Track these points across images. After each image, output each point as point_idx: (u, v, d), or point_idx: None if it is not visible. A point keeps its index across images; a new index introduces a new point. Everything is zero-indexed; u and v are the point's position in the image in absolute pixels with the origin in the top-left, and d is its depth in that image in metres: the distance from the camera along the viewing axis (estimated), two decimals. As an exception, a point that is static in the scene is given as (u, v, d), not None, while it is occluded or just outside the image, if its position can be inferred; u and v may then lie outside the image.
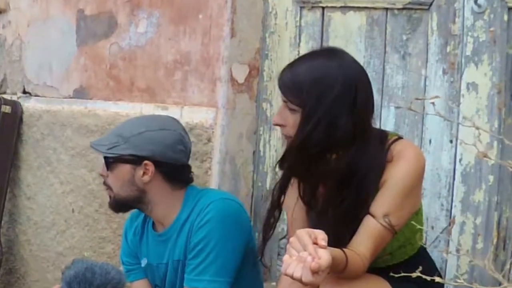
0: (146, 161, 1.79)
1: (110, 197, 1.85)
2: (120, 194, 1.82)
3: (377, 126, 1.65)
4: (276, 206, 1.63)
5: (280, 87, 1.55)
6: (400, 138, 1.60)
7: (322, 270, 1.28)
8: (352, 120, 1.50)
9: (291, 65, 1.58)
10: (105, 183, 1.85)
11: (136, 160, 1.79)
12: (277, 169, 1.64)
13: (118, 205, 1.85)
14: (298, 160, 1.53)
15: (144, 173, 1.79)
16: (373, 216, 1.52)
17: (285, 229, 2.12)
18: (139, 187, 1.80)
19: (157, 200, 1.81)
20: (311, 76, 1.50)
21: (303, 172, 1.56)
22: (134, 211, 1.93)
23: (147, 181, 1.80)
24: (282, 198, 1.63)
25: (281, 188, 1.63)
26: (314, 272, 1.27)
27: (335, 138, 1.50)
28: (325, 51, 1.65)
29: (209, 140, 2.18)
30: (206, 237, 1.74)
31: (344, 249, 1.45)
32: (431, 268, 1.68)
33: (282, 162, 1.59)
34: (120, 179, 1.80)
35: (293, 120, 1.53)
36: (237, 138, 2.23)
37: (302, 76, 1.51)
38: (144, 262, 1.91)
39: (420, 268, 1.25)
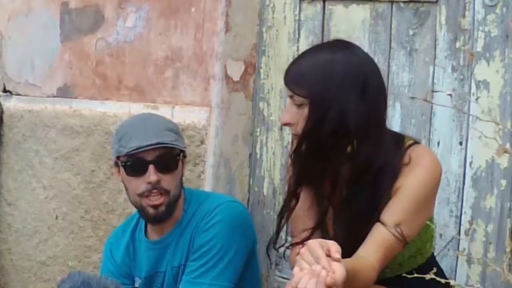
0: (183, 154, 1.80)
1: (158, 205, 1.74)
2: (175, 195, 1.77)
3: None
4: (293, 195, 1.63)
5: (286, 81, 1.55)
6: (417, 142, 1.58)
7: (337, 285, 1.24)
8: (364, 108, 1.48)
9: (296, 59, 1.59)
10: (156, 189, 1.73)
11: (184, 154, 1.80)
12: (289, 162, 1.63)
13: (171, 209, 1.77)
14: (312, 150, 1.51)
15: (184, 166, 1.82)
16: (383, 224, 1.49)
17: (284, 237, 2.10)
18: (182, 183, 1.80)
19: (180, 200, 1.81)
20: (314, 64, 1.50)
21: (316, 164, 1.53)
22: (118, 228, 1.93)
23: (183, 175, 1.82)
24: (299, 189, 1.62)
25: (298, 178, 1.60)
26: (329, 287, 1.23)
27: (348, 126, 1.48)
28: (330, 42, 1.66)
29: (202, 142, 2.15)
30: (213, 239, 1.74)
31: (356, 259, 1.43)
32: (440, 276, 1.62)
33: (296, 153, 1.56)
34: (178, 177, 1.78)
35: (301, 116, 1.51)
36: (232, 139, 2.19)
37: (306, 66, 1.51)
38: (137, 282, 1.87)
39: (435, 269, 1.25)
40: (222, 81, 2.16)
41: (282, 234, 2.12)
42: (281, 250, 2.13)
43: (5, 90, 2.63)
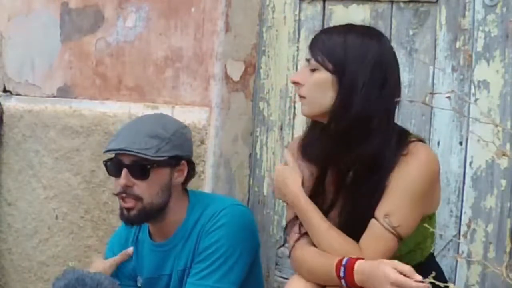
0: (183, 161, 1.77)
1: (129, 209, 1.73)
2: (153, 203, 1.74)
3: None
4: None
5: (312, 45, 1.57)
6: (421, 140, 1.60)
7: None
8: (382, 100, 1.52)
9: (329, 28, 1.68)
10: (126, 193, 1.72)
11: (176, 162, 1.75)
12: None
13: (146, 215, 1.75)
14: (337, 132, 1.52)
15: (178, 175, 1.77)
16: (375, 218, 1.52)
17: (283, 237, 2.06)
18: (171, 191, 1.76)
19: (172, 205, 1.79)
20: (348, 40, 1.53)
21: (330, 153, 1.55)
22: (121, 228, 1.91)
23: (179, 182, 1.77)
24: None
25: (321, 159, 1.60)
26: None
27: (369, 113, 1.50)
28: (366, 27, 1.67)
29: (202, 142, 2.15)
30: (218, 242, 1.74)
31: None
32: (439, 276, 1.65)
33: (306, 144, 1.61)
34: (158, 185, 1.73)
35: (311, 80, 1.54)
36: (232, 140, 2.19)
37: (339, 37, 1.54)
38: (139, 281, 1.86)
39: (433, 273, 1.27)
40: (222, 81, 2.15)
41: (282, 235, 2.12)
42: (281, 250, 2.15)
43: (5, 90, 2.61)
